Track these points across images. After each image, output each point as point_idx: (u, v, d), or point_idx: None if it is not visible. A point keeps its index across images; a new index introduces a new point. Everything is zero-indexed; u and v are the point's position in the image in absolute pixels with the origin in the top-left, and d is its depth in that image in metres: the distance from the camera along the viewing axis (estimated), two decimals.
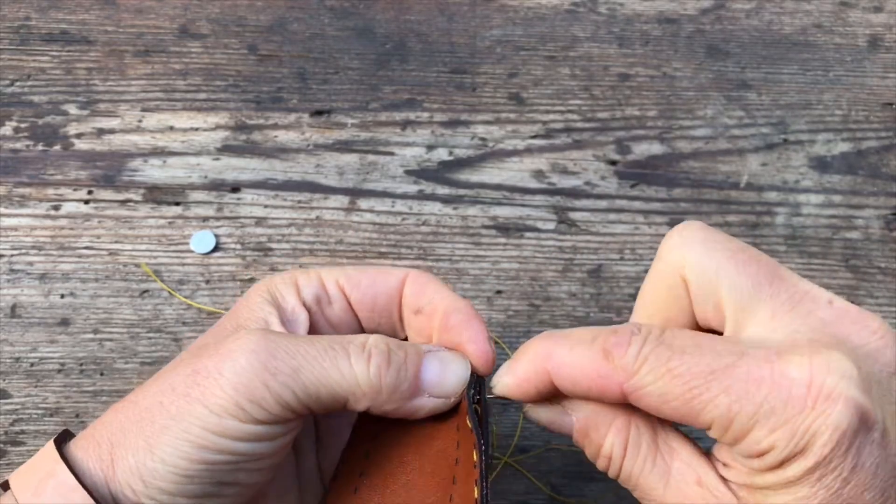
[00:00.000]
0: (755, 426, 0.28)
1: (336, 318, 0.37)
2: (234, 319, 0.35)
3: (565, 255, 0.54)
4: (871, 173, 0.57)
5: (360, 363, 0.32)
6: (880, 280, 0.53)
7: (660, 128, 0.58)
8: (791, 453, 0.27)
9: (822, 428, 0.27)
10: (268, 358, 0.31)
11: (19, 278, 0.51)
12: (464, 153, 0.57)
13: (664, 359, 0.29)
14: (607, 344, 0.30)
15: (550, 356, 0.31)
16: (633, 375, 0.29)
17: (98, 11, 0.61)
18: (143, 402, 0.32)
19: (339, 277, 0.37)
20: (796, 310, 0.30)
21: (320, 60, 0.60)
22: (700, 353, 0.29)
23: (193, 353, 0.33)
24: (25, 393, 0.48)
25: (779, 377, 0.27)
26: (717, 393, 0.28)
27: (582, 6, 0.63)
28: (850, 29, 0.63)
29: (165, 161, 0.55)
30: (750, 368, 0.28)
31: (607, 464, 0.32)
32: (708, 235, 0.32)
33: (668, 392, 0.29)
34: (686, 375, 0.28)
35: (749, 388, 0.28)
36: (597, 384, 0.30)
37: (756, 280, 0.30)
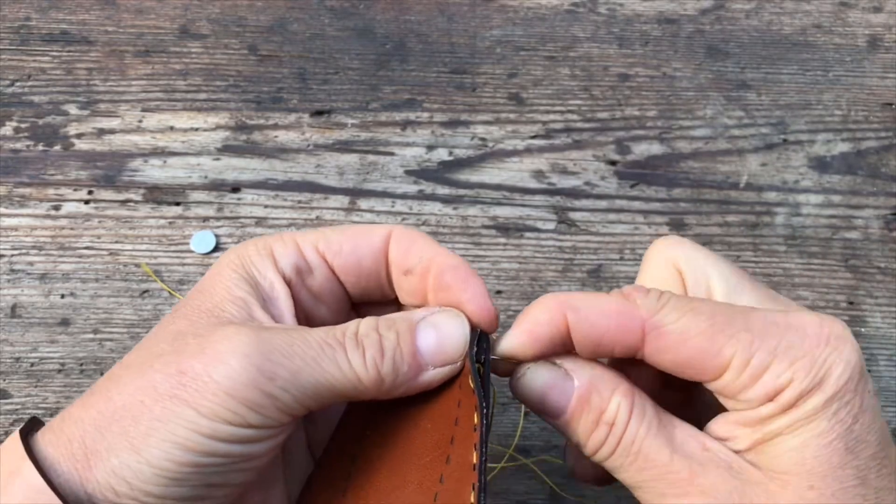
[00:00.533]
0: (775, 360, 0.29)
1: (318, 286, 0.35)
2: (207, 297, 0.32)
3: (565, 255, 0.54)
4: (871, 173, 0.57)
5: (357, 358, 0.31)
6: (880, 280, 0.53)
7: (660, 128, 0.58)
8: (809, 385, 0.29)
9: (837, 361, 0.29)
10: (263, 362, 0.29)
11: (20, 278, 0.51)
12: (464, 153, 0.57)
13: (685, 301, 0.31)
14: (626, 291, 0.32)
15: (567, 301, 0.32)
16: (655, 312, 0.30)
17: (98, 11, 0.61)
18: (119, 398, 0.30)
19: (317, 242, 0.35)
20: (775, 301, 0.33)
21: (320, 60, 0.60)
22: (717, 302, 0.31)
23: (172, 346, 0.31)
24: (25, 393, 0.48)
25: (794, 321, 0.30)
26: (738, 329, 0.30)
27: (582, 6, 0.63)
28: (849, 29, 0.63)
29: (166, 161, 0.56)
30: (766, 314, 0.30)
31: (606, 434, 0.31)
32: (692, 242, 0.35)
33: (690, 328, 0.30)
34: (708, 312, 0.30)
35: (768, 327, 0.30)
36: (616, 323, 0.31)
37: (739, 276, 0.34)
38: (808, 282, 0.53)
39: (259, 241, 0.34)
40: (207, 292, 0.33)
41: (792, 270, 0.54)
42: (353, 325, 0.32)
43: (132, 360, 0.31)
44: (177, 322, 0.32)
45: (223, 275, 0.33)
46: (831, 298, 0.53)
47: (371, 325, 0.32)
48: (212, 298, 0.32)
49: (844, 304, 0.53)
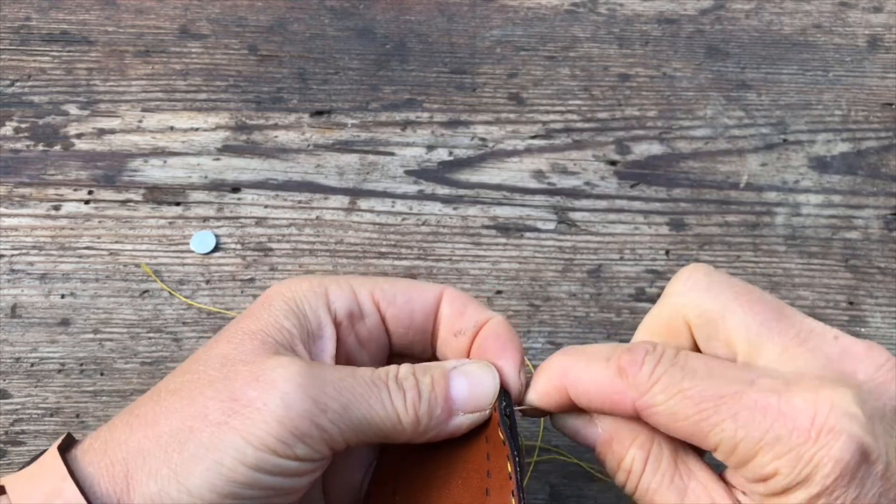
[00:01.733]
0: (759, 451, 0.29)
1: (367, 333, 0.36)
2: (253, 321, 0.33)
3: (565, 255, 0.54)
4: (871, 173, 0.57)
5: (399, 399, 0.32)
6: (880, 280, 0.53)
7: (660, 128, 0.58)
8: (794, 481, 0.28)
9: (824, 459, 0.28)
10: (318, 394, 0.30)
11: (20, 278, 0.51)
12: (464, 153, 0.57)
13: (676, 379, 0.30)
14: (622, 362, 0.31)
15: (567, 373, 0.33)
16: (644, 394, 0.31)
17: (98, 12, 0.61)
18: (166, 424, 0.30)
19: (373, 290, 0.35)
20: (804, 345, 0.31)
21: (320, 60, 0.60)
22: (711, 378, 0.30)
23: (222, 372, 0.31)
24: (25, 393, 0.48)
25: (785, 407, 0.29)
26: (724, 417, 0.29)
27: (582, 6, 0.63)
28: (849, 29, 0.63)
29: (166, 161, 0.56)
30: (758, 397, 0.29)
31: (626, 478, 0.32)
32: (713, 279, 0.33)
33: (678, 412, 0.30)
34: (696, 398, 0.30)
35: (755, 416, 0.29)
36: (611, 400, 0.32)
37: (763, 317, 0.31)
38: (808, 282, 0.53)
39: (315, 279, 0.35)
40: (254, 317, 0.33)
41: (792, 270, 0.54)
42: (393, 368, 0.33)
43: (178, 385, 0.31)
44: (220, 346, 0.32)
45: (273, 305, 0.33)
46: (831, 298, 0.53)
47: (409, 371, 0.33)
48: (257, 323, 0.33)
49: (844, 305, 0.53)
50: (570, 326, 0.51)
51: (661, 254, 0.54)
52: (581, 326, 0.51)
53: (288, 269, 0.52)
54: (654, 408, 0.30)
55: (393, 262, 0.53)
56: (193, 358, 0.33)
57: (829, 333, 0.31)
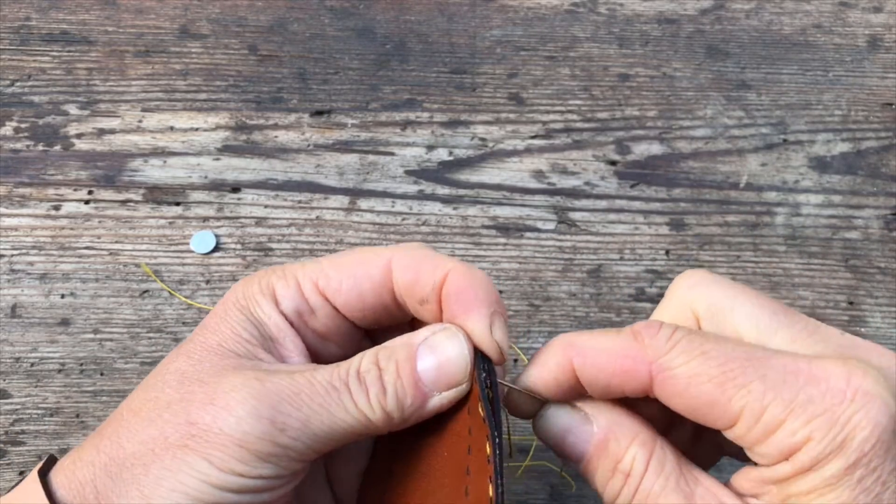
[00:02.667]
0: (790, 416, 0.26)
1: (322, 326, 0.34)
2: (211, 335, 0.32)
3: (565, 255, 0.54)
4: (871, 173, 0.57)
5: (362, 398, 0.30)
6: (880, 280, 0.53)
7: (660, 128, 0.58)
8: (828, 448, 0.26)
9: (862, 422, 0.26)
10: (273, 414, 0.29)
11: (19, 278, 0.51)
12: (464, 153, 0.57)
13: (697, 342, 0.28)
14: (636, 327, 0.29)
15: (573, 343, 0.30)
16: (663, 354, 0.28)
17: (98, 12, 0.61)
18: (130, 446, 0.29)
19: (317, 279, 0.33)
20: (814, 336, 0.29)
21: (320, 60, 0.60)
22: (735, 343, 0.28)
23: (179, 392, 0.30)
24: (25, 393, 0.48)
25: (817, 370, 0.27)
26: (752, 378, 0.27)
27: (582, 6, 0.63)
28: (849, 29, 0.63)
29: (166, 161, 0.56)
30: (786, 361, 0.27)
31: (622, 483, 0.29)
32: (715, 278, 0.32)
33: (700, 373, 0.27)
34: (720, 357, 0.28)
35: (786, 377, 0.27)
36: (623, 366, 0.29)
37: (770, 310, 0.30)
38: (808, 282, 0.53)
39: (263, 279, 0.33)
40: (212, 330, 0.32)
41: (792, 270, 0.54)
42: (356, 360, 0.31)
43: (139, 405, 0.31)
44: (179, 360, 0.31)
45: (229, 314, 0.32)
46: (831, 298, 0.53)
47: (371, 361, 0.31)
48: (216, 336, 0.32)
49: (844, 304, 0.53)
50: (570, 326, 0.51)
51: (661, 254, 0.54)
52: (581, 326, 0.51)
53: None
54: (673, 370, 0.28)
55: None
56: (154, 373, 0.32)
57: (835, 330, 0.30)
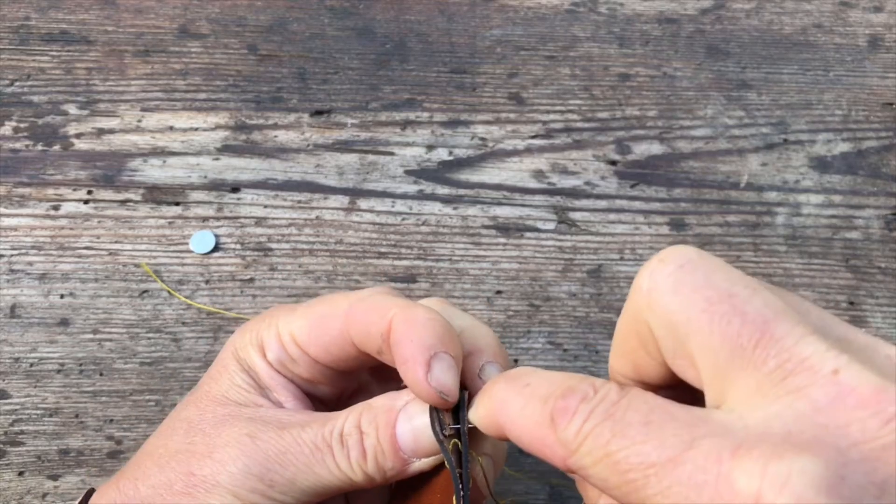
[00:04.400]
0: None
1: (307, 373, 0.35)
2: (214, 384, 0.35)
3: (565, 255, 0.53)
4: (871, 173, 0.57)
5: (343, 460, 0.32)
6: (880, 280, 0.53)
7: (660, 128, 0.58)
8: None
9: None
10: (262, 471, 0.31)
11: (19, 278, 0.51)
12: (464, 153, 0.57)
13: (604, 440, 0.24)
14: (555, 408, 0.26)
15: (503, 409, 0.28)
16: (571, 454, 0.25)
17: (98, 11, 0.61)
18: (144, 490, 0.33)
19: (292, 330, 0.34)
20: (785, 383, 0.22)
21: (320, 60, 0.60)
22: (646, 436, 0.24)
23: (185, 443, 0.33)
24: (25, 393, 0.48)
25: (723, 486, 0.21)
26: (653, 492, 0.23)
27: (582, 6, 0.63)
28: (850, 29, 0.63)
29: (165, 161, 0.55)
30: (694, 468, 0.22)
31: None
32: (683, 277, 0.25)
33: (606, 479, 0.24)
34: (623, 464, 0.24)
35: (689, 495, 0.22)
36: (544, 454, 0.26)
37: (736, 342, 0.23)
38: (808, 282, 0.53)
39: (254, 330, 0.35)
40: (215, 379, 0.35)
41: (792, 270, 0.53)
42: (340, 421, 0.32)
43: (153, 450, 0.34)
44: (189, 409, 0.35)
45: (228, 365, 0.35)
46: (832, 299, 0.53)
47: (354, 422, 0.32)
48: (218, 386, 0.35)
49: (845, 305, 0.53)
50: (570, 326, 0.51)
51: None
52: (581, 326, 0.51)
53: (287, 268, 0.52)
54: (585, 470, 0.25)
55: (393, 262, 0.53)
56: (170, 418, 0.35)
57: (826, 367, 0.22)
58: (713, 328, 0.23)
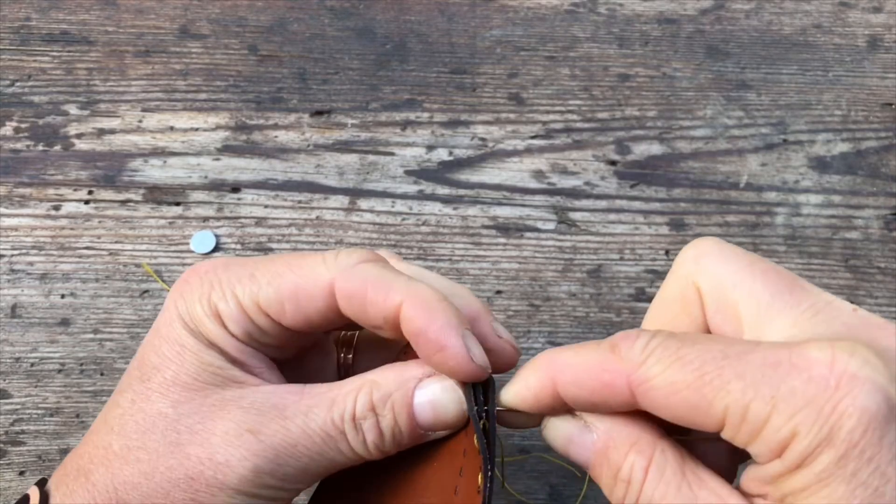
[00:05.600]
0: (773, 411, 0.25)
1: (278, 341, 0.33)
2: (178, 368, 0.31)
3: (565, 255, 0.54)
4: (871, 173, 0.57)
5: (359, 444, 0.31)
6: (880, 280, 0.53)
7: (660, 128, 0.58)
8: (815, 441, 0.24)
9: (849, 409, 0.24)
10: (274, 468, 0.30)
11: (19, 278, 0.51)
12: (464, 153, 0.57)
13: (673, 348, 0.27)
14: (614, 340, 0.28)
15: (554, 361, 0.29)
16: (639, 366, 0.27)
17: (98, 12, 0.61)
18: (132, 498, 0.30)
19: (258, 299, 0.32)
20: (818, 317, 0.28)
21: (320, 60, 0.60)
22: (712, 342, 0.27)
23: (168, 443, 0.30)
24: (25, 393, 0.48)
25: (797, 359, 0.25)
26: (729, 378, 0.25)
27: (582, 6, 0.63)
28: (849, 29, 0.63)
29: (166, 161, 0.56)
30: (766, 353, 0.26)
31: (625, 490, 0.29)
32: (724, 248, 0.30)
33: (677, 381, 0.26)
34: (696, 361, 0.26)
35: (765, 371, 0.25)
36: (601, 380, 0.28)
37: (775, 289, 0.28)
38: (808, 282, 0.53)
39: (202, 297, 0.32)
40: (173, 360, 0.32)
41: (792, 270, 0.53)
42: (349, 402, 0.31)
43: (122, 451, 0.31)
44: (153, 400, 0.31)
45: (183, 341, 0.32)
46: None
47: (366, 403, 0.31)
48: (181, 368, 0.31)
49: None
50: (570, 326, 0.51)
51: (661, 254, 0.54)
52: (581, 326, 0.51)
53: None
54: (650, 381, 0.27)
55: None
56: (120, 409, 0.32)
57: (846, 306, 0.28)
58: (756, 278, 0.29)
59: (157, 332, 0.33)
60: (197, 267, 0.33)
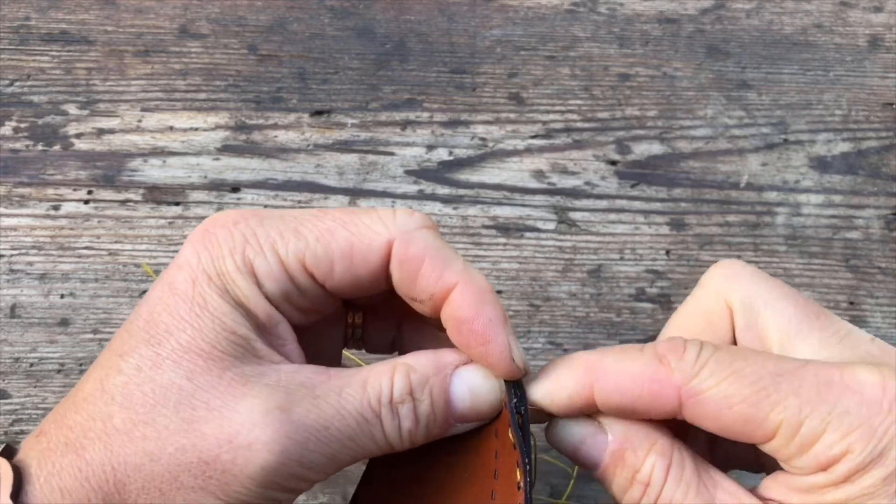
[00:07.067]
0: (827, 429, 0.26)
1: (308, 304, 0.31)
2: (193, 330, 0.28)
3: (565, 255, 0.54)
4: (871, 173, 0.57)
5: (393, 430, 0.29)
6: (880, 280, 0.53)
7: (660, 128, 0.58)
8: (867, 459, 0.26)
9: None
10: (302, 453, 0.27)
11: (19, 278, 0.51)
12: (464, 153, 0.57)
13: (727, 361, 0.28)
14: (660, 350, 0.29)
15: (595, 366, 0.29)
16: (692, 378, 0.28)
17: (98, 11, 0.61)
18: (132, 482, 0.27)
19: (303, 257, 0.29)
20: (843, 342, 0.30)
21: (320, 60, 0.60)
22: (764, 358, 0.28)
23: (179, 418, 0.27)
24: (25, 393, 0.48)
25: (849, 380, 0.27)
26: (786, 394, 0.27)
27: (582, 6, 0.63)
28: (850, 29, 0.63)
29: (165, 161, 0.55)
30: (818, 372, 0.27)
31: (642, 493, 0.29)
32: (754, 270, 0.32)
33: (732, 394, 0.27)
34: (752, 376, 0.27)
35: (820, 390, 0.27)
36: (650, 391, 0.28)
37: (804, 311, 0.30)
38: (808, 282, 0.53)
39: (235, 250, 0.29)
40: (189, 322, 0.28)
41: (792, 270, 0.53)
42: (385, 384, 0.29)
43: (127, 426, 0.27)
44: (165, 371, 0.27)
45: (207, 298, 0.28)
46: (832, 298, 0.53)
47: (404, 387, 0.29)
48: (202, 334, 0.28)
49: (845, 305, 0.53)
50: (571, 326, 0.51)
51: (662, 254, 0.54)
52: (581, 326, 0.51)
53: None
54: (704, 393, 0.27)
55: None
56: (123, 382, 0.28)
57: (865, 335, 0.30)
58: (787, 300, 0.31)
59: (172, 287, 0.29)
60: (220, 217, 0.30)
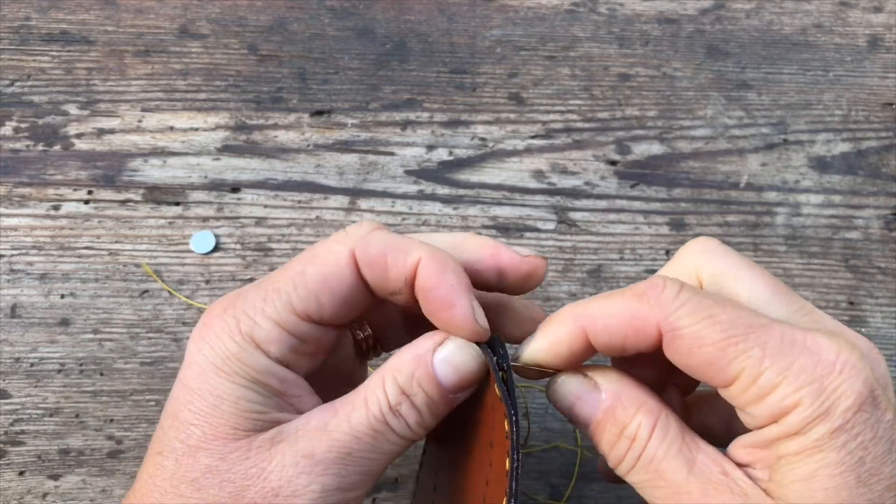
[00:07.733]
0: (783, 382, 0.29)
1: (314, 349, 0.34)
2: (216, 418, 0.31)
3: (565, 255, 0.54)
4: (871, 173, 0.57)
5: (403, 428, 0.32)
6: (880, 280, 0.53)
7: (660, 128, 0.58)
8: (815, 413, 0.28)
9: (847, 392, 0.28)
10: (339, 482, 0.31)
11: (19, 278, 0.51)
12: (464, 153, 0.57)
13: (705, 305, 0.30)
14: (641, 287, 0.31)
15: (583, 312, 0.32)
16: (670, 313, 0.30)
17: (98, 11, 0.61)
18: None
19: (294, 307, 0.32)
20: (808, 318, 0.32)
21: (320, 60, 0.60)
22: (740, 310, 0.30)
23: (232, 496, 0.31)
24: (25, 393, 0.48)
25: (811, 343, 0.29)
26: (752, 345, 0.29)
27: (582, 6, 0.63)
28: (849, 29, 0.63)
29: (165, 161, 0.55)
30: (784, 331, 0.29)
31: (627, 447, 0.31)
32: (727, 248, 0.34)
33: (704, 336, 0.29)
34: (726, 324, 0.29)
35: (783, 347, 0.29)
36: (633, 326, 0.31)
37: (773, 289, 0.33)
38: (808, 282, 0.53)
39: (234, 332, 0.32)
40: (210, 415, 0.31)
41: (792, 270, 0.54)
42: (380, 394, 0.32)
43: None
44: (200, 459, 0.31)
45: (221, 391, 0.32)
46: (832, 298, 0.53)
47: (395, 390, 0.32)
48: (223, 420, 0.31)
49: (845, 305, 0.53)
50: None
51: (662, 254, 0.54)
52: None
53: None
54: (679, 330, 0.30)
55: None
56: (169, 476, 0.31)
57: (827, 316, 0.33)
58: (756, 277, 0.33)
59: (187, 386, 0.32)
60: (211, 310, 0.33)
